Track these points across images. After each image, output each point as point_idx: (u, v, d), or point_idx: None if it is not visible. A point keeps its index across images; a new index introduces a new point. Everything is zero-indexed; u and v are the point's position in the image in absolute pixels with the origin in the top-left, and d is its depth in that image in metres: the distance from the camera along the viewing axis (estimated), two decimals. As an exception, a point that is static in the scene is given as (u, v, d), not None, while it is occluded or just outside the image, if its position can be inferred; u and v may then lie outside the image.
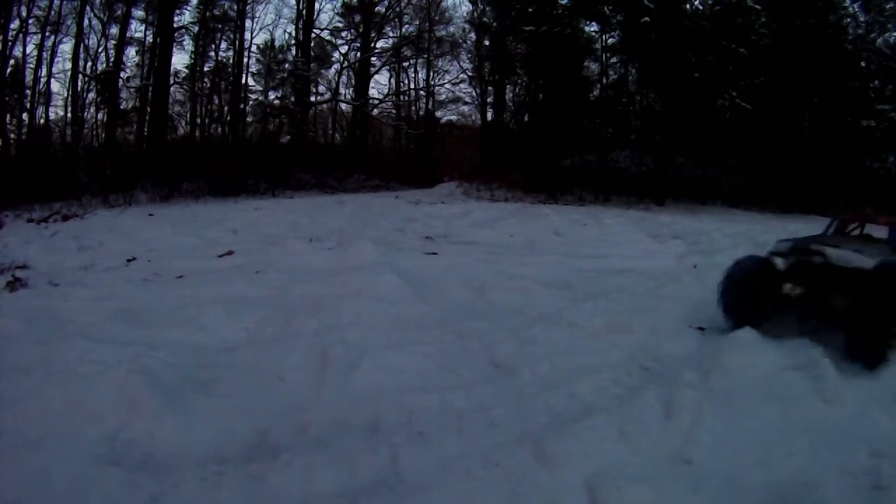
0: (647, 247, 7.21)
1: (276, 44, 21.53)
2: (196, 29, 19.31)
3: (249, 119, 21.47)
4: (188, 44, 19.78)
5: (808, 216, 12.88)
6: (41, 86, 16.44)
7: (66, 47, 17.92)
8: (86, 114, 17.95)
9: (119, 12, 17.59)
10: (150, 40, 18.23)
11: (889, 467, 1.97)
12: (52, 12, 16.15)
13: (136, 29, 18.72)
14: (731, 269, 3.63)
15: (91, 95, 17.96)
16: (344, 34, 22.07)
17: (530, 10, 17.24)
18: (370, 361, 2.96)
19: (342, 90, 22.20)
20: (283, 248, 6.33)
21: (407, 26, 22.48)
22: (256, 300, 4.27)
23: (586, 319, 3.72)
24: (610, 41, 18.33)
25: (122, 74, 17.95)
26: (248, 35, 22.01)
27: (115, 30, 17.71)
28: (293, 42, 20.62)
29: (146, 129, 18.07)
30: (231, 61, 20.44)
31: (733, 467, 2.04)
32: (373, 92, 22.48)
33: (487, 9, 20.79)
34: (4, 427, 2.21)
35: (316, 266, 5.34)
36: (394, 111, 23.33)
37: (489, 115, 21.45)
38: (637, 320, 3.69)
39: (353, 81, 22.18)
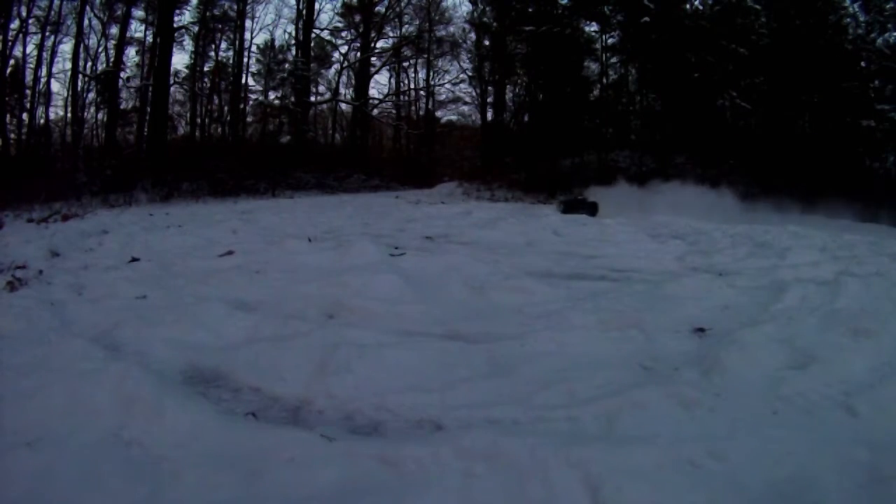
0: (647, 246, 7.21)
1: (276, 44, 21.57)
2: (196, 29, 19.35)
3: (249, 119, 21.51)
4: (188, 44, 19.82)
5: (807, 216, 12.87)
6: (41, 86, 16.48)
7: (66, 47, 17.95)
8: (86, 114, 17.98)
9: (119, 12, 17.61)
10: (150, 40, 18.27)
11: (889, 465, 1.97)
12: (52, 12, 16.18)
13: (136, 29, 18.76)
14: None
15: (91, 95, 17.99)
16: (344, 34, 22.09)
17: (530, 10, 17.28)
18: (370, 360, 2.96)
19: (342, 90, 22.22)
20: (283, 247, 6.33)
21: (407, 26, 22.50)
22: (256, 299, 4.27)
23: (586, 319, 3.72)
24: (610, 41, 18.38)
25: (122, 74, 17.98)
26: (248, 35, 22.06)
27: (115, 30, 17.75)
28: (293, 42, 20.65)
29: (146, 129, 18.08)
30: (231, 61, 20.48)
31: (734, 466, 2.04)
32: (373, 92, 22.50)
33: (487, 9, 20.80)
34: (4, 427, 2.21)
35: (316, 266, 5.34)
36: (394, 111, 23.33)
37: (489, 115, 21.45)
38: (637, 320, 3.69)
39: (353, 81, 22.19)
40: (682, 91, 14.76)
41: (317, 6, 20.52)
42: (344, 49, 21.99)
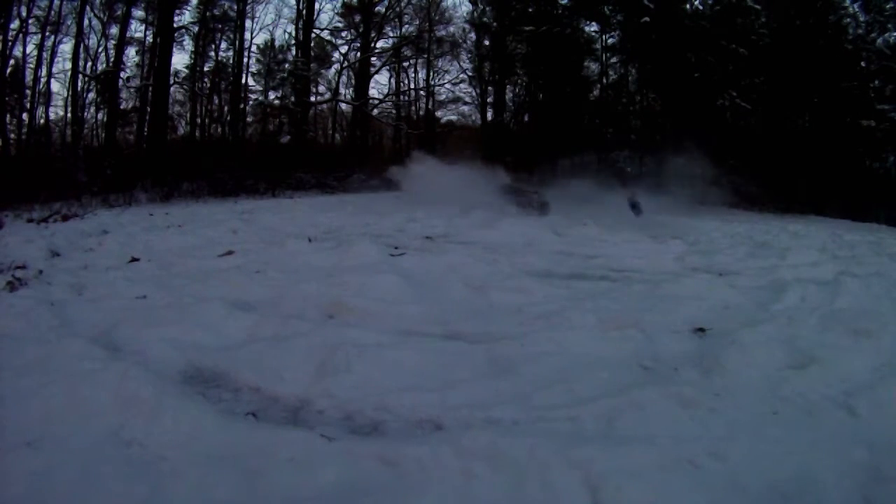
0: (647, 246, 7.21)
1: (276, 44, 21.55)
2: (196, 29, 19.34)
3: (249, 119, 21.49)
4: (188, 44, 19.80)
5: (807, 216, 12.89)
6: (41, 86, 16.48)
7: (66, 47, 17.89)
8: (86, 114, 17.99)
9: (119, 12, 17.61)
10: (150, 40, 18.27)
11: (889, 465, 1.97)
12: (52, 12, 16.18)
13: (136, 29, 18.75)
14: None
15: (91, 95, 17.99)
16: (344, 34, 22.07)
17: (530, 10, 17.28)
18: (370, 360, 2.96)
19: (342, 90, 22.20)
20: (283, 247, 6.34)
21: (407, 26, 22.47)
22: (256, 300, 4.27)
23: (586, 318, 3.72)
24: (610, 41, 18.38)
25: (122, 74, 17.97)
26: (248, 35, 22.01)
27: (115, 30, 17.75)
28: (293, 42, 20.63)
29: (146, 129, 18.07)
30: (231, 61, 20.47)
31: (734, 466, 2.04)
32: (373, 92, 22.47)
33: (487, 9, 20.77)
34: (4, 427, 2.21)
35: (316, 266, 5.34)
36: (394, 111, 23.30)
37: (489, 115, 21.44)
38: (637, 320, 3.69)
39: (353, 81, 22.17)
40: (682, 91, 14.76)
41: (317, 6, 20.51)
42: (344, 49, 21.98)
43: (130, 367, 2.62)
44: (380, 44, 22.24)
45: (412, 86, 23.27)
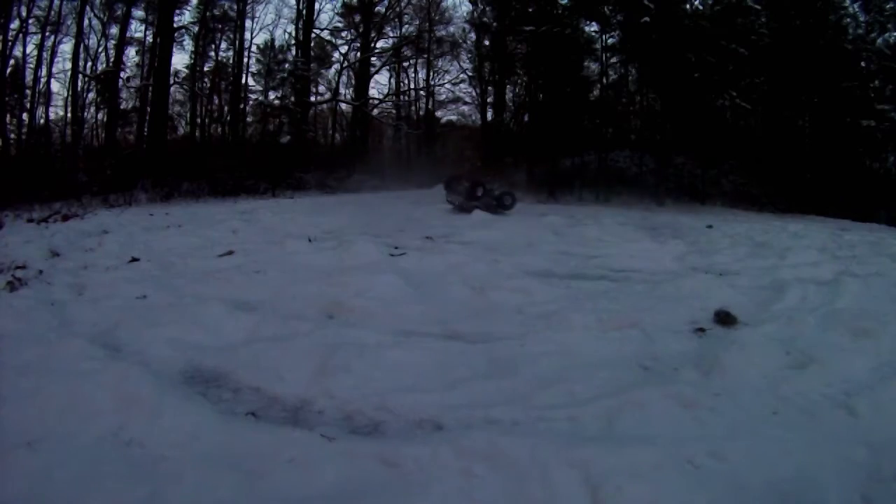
0: (647, 247, 7.20)
1: (276, 44, 21.54)
2: (196, 29, 19.33)
3: (249, 119, 21.48)
4: (188, 44, 19.80)
5: (807, 216, 12.88)
6: (41, 86, 16.47)
7: (66, 47, 17.96)
8: (86, 114, 17.99)
9: (119, 12, 17.61)
10: (150, 40, 18.27)
11: (889, 465, 1.97)
12: (52, 12, 16.17)
13: (136, 29, 18.77)
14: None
15: (91, 95, 17.99)
16: (344, 34, 22.07)
17: (530, 10, 17.23)
18: (370, 360, 2.96)
19: (342, 90, 22.20)
20: (283, 247, 6.33)
21: (407, 26, 22.49)
22: (256, 299, 4.27)
23: (585, 319, 3.72)
24: (610, 41, 18.35)
25: (122, 74, 17.96)
26: (248, 35, 22.07)
27: (115, 30, 17.75)
28: (293, 42, 20.62)
29: (146, 129, 18.06)
30: (231, 61, 20.49)
31: (734, 466, 2.04)
32: (373, 92, 22.47)
33: (487, 9, 20.78)
34: (4, 427, 2.21)
35: (316, 266, 5.34)
36: (394, 111, 23.30)
37: (489, 115, 21.45)
38: (637, 320, 3.69)
39: (353, 81, 22.17)
40: (682, 91, 14.71)
41: (317, 6, 20.49)
42: (344, 49, 21.98)
43: (130, 367, 2.62)
44: (380, 44, 22.26)
45: (412, 86, 23.31)
